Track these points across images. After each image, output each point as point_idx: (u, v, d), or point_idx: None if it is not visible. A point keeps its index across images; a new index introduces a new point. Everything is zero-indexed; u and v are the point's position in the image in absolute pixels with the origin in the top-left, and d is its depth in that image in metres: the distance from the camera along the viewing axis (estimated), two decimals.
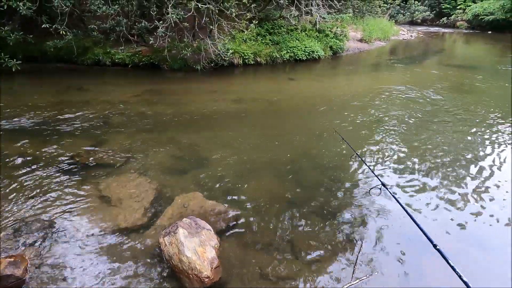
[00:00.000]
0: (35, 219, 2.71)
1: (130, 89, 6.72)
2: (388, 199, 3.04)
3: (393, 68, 9.85)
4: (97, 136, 4.38)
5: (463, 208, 2.98)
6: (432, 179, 3.45)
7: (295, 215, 2.85)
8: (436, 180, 3.43)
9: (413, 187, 3.31)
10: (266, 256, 2.40)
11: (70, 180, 3.29)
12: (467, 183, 3.40)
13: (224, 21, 7.85)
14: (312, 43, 10.39)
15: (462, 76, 8.66)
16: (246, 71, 8.96)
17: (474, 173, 3.60)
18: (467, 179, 3.48)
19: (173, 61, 8.33)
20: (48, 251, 2.39)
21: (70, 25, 7.31)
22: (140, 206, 2.91)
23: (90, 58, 8.64)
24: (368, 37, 13.78)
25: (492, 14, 21.55)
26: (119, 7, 7.26)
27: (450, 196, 3.16)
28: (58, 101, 5.73)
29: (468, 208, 2.99)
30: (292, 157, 3.90)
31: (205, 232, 2.42)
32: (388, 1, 20.80)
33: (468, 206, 3.02)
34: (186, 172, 3.54)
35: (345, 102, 6.18)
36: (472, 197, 3.14)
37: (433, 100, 6.22)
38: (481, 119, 5.23)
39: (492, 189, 3.28)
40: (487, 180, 3.46)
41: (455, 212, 2.92)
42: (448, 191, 3.24)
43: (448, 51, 14.64)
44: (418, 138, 4.45)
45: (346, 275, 2.24)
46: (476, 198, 3.12)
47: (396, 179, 3.45)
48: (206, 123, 5.01)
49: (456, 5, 25.97)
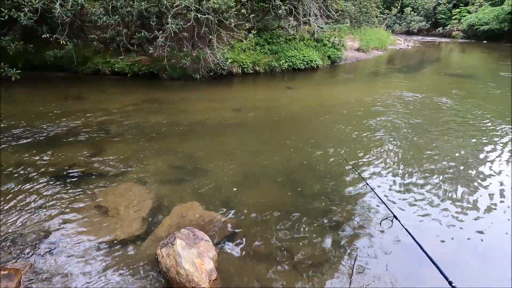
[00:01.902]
0: (31, 230, 2.67)
1: (129, 98, 6.74)
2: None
3: (391, 77, 9.93)
4: (95, 145, 4.36)
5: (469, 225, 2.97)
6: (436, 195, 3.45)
7: (294, 225, 2.82)
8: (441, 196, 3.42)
9: (419, 208, 3.29)
10: (265, 268, 2.36)
11: (67, 190, 3.26)
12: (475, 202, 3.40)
13: (223, 31, 7.94)
14: (310, 52, 10.49)
15: (462, 84, 8.74)
16: (245, 80, 9.02)
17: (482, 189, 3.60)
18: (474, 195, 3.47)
19: (173, 70, 8.38)
20: (43, 264, 2.35)
21: (70, 35, 7.37)
22: (137, 216, 2.88)
23: (90, 67, 8.69)
24: (365, 46, 13.94)
25: (487, 24, 21.90)
26: (119, 18, 7.35)
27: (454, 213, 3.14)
28: (57, 110, 5.73)
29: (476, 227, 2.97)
30: (291, 166, 3.89)
31: (203, 243, 2.39)
32: (384, 11, 21.15)
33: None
34: (185, 181, 3.52)
35: (343, 111, 6.20)
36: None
37: (434, 108, 6.25)
38: (486, 129, 5.25)
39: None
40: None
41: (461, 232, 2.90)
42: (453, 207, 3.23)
43: (445, 60, 14.81)
44: (416, 147, 4.46)
45: (344, 287, 2.21)
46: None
47: (400, 200, 3.36)
48: (204, 132, 5.01)
49: (452, 16, 26.40)
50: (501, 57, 14.91)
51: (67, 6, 6.59)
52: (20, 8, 6.30)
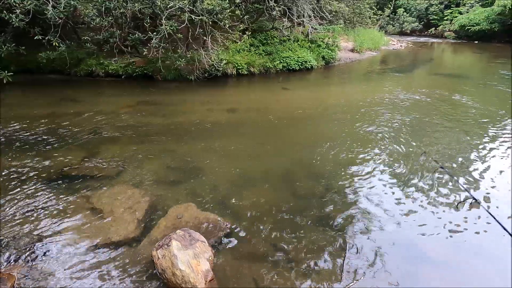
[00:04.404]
0: (24, 234, 2.64)
1: (123, 100, 6.70)
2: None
3: (385, 77, 10.03)
4: (89, 147, 4.33)
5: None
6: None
7: (291, 226, 2.83)
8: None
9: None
10: (261, 268, 2.36)
11: (61, 193, 3.23)
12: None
13: (217, 32, 7.95)
14: (305, 53, 10.54)
15: (456, 83, 8.86)
16: (240, 81, 9.03)
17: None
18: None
19: (167, 72, 8.36)
20: (36, 267, 2.33)
21: (63, 37, 7.31)
22: (132, 218, 2.86)
23: (83, 69, 8.62)
24: (359, 47, 14.05)
25: (478, 24, 22.27)
26: (112, 19, 7.31)
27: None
28: (50, 112, 5.67)
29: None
30: (287, 166, 3.90)
31: (199, 244, 2.38)
32: (378, 12, 21.35)
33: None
34: (180, 183, 3.51)
35: (339, 112, 6.25)
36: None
37: (427, 106, 6.33)
38: (481, 125, 5.33)
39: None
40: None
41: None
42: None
43: (438, 60, 15.00)
44: (416, 143, 4.51)
45: (342, 286, 2.22)
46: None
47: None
48: (200, 133, 5.00)
49: (443, 16, 26.78)
50: (492, 57, 15.16)
51: (59, 7, 6.54)
52: (11, 10, 6.23)
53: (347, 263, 2.40)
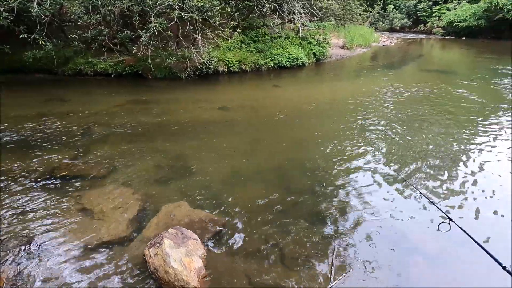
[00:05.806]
0: (12, 235, 2.59)
1: (113, 99, 6.61)
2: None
3: (376, 73, 10.13)
4: (79, 147, 4.26)
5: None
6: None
7: (283, 222, 2.85)
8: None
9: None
10: (254, 264, 2.38)
11: (50, 194, 3.17)
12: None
13: (208, 29, 7.90)
14: (296, 50, 10.57)
15: (447, 79, 9.01)
16: (231, 78, 9.00)
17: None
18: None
19: (157, 70, 8.27)
20: (26, 270, 2.29)
21: (49, 35, 7.15)
22: (124, 218, 2.84)
23: (71, 68, 8.45)
24: (350, 44, 14.15)
25: (465, 21, 22.68)
26: (100, 17, 7.18)
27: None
28: (38, 113, 5.55)
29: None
30: (279, 164, 3.92)
31: (192, 241, 2.38)
32: (368, 9, 21.51)
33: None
34: (172, 181, 3.49)
35: (330, 108, 6.29)
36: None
37: (418, 101, 6.42)
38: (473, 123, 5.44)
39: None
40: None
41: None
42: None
43: (427, 56, 15.21)
44: (404, 138, 4.57)
45: (332, 281, 2.25)
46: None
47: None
48: (191, 131, 4.97)
49: (432, 13, 27.18)
50: (479, 53, 15.46)
51: (45, 5, 6.39)
52: None
53: (336, 258, 2.43)
